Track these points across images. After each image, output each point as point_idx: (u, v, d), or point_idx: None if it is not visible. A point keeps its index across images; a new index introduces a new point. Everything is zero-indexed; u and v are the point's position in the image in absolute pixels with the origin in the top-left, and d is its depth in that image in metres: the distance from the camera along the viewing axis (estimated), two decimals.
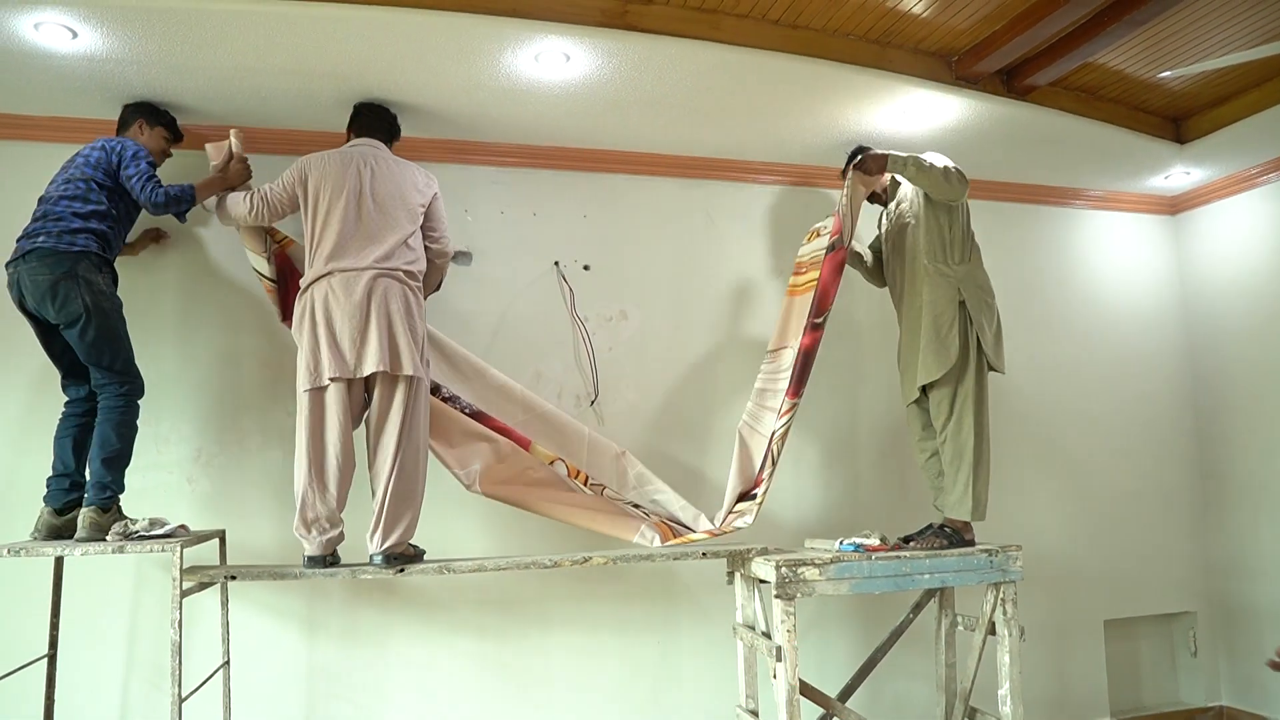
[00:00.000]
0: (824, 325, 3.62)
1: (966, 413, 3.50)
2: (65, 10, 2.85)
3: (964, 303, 3.51)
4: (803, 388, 3.59)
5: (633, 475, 3.71)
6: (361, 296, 3.12)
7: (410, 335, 3.17)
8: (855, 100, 3.74)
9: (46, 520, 2.98)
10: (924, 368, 3.54)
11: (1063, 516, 4.66)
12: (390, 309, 3.15)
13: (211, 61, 3.21)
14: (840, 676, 3.93)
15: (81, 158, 3.16)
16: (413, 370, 3.14)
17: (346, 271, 3.15)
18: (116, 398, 3.06)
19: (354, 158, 3.34)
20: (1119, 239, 5.03)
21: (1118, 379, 4.88)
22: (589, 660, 3.92)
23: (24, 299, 3.02)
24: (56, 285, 2.97)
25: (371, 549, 3.16)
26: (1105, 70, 3.86)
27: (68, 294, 2.97)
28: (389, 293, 3.16)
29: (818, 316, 3.60)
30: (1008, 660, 3.42)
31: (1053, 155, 4.43)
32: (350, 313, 3.11)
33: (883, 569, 3.32)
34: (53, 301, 2.97)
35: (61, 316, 2.98)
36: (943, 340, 3.50)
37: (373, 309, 3.13)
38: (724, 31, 3.36)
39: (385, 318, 3.13)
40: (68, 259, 2.99)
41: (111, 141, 3.21)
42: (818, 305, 3.60)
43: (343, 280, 3.14)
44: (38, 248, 2.99)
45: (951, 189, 3.50)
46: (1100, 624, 4.65)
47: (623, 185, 4.23)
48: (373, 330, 3.11)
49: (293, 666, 3.62)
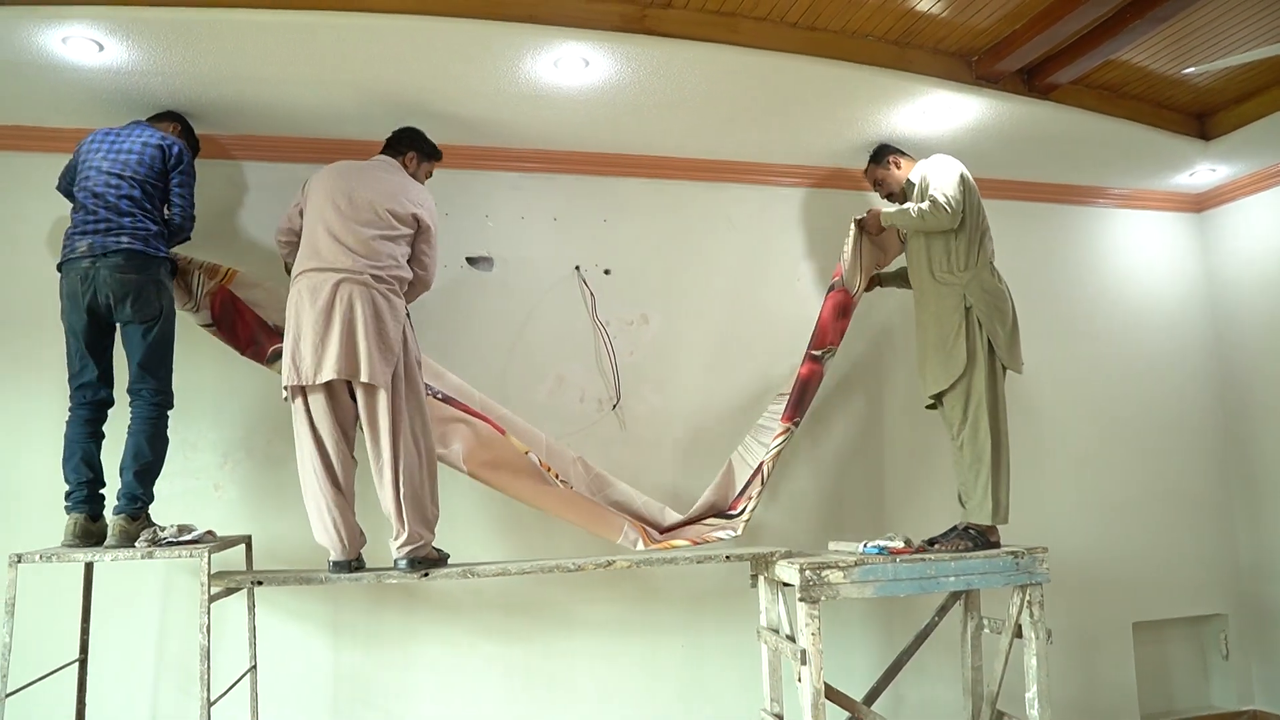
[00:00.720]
0: (824, 360, 3.73)
1: (981, 416, 3.49)
2: (93, 24, 2.89)
3: (970, 309, 3.53)
4: (799, 414, 3.67)
5: (591, 478, 3.72)
6: (325, 302, 3.08)
7: (378, 341, 3.09)
8: (875, 101, 3.73)
9: (83, 526, 3.00)
10: (932, 377, 3.61)
11: (1089, 518, 4.62)
12: (354, 315, 3.08)
13: (234, 71, 3.24)
14: (865, 680, 3.91)
15: (135, 154, 3.17)
16: (369, 378, 3.04)
17: (317, 273, 3.13)
18: (151, 406, 3.09)
19: (351, 166, 3.36)
20: (1143, 238, 4.98)
21: (1144, 379, 4.83)
22: (613, 664, 3.92)
23: (95, 295, 3.02)
24: (143, 287, 3.05)
25: (395, 555, 3.18)
26: (1128, 67, 3.83)
27: (149, 296, 3.06)
28: (354, 298, 3.09)
29: (815, 349, 3.73)
30: (1035, 663, 3.39)
31: (1075, 154, 4.40)
32: (314, 319, 3.07)
33: (907, 571, 3.30)
34: (134, 302, 3.03)
35: (136, 316, 3.04)
36: (949, 350, 3.54)
37: (335, 315, 3.07)
38: (742, 34, 3.36)
39: (347, 324, 3.06)
40: (154, 263, 3.10)
41: (167, 140, 3.25)
42: (816, 338, 3.74)
43: (310, 285, 3.12)
44: (125, 248, 3.04)
45: (935, 224, 3.58)
46: (1129, 627, 4.60)
47: (643, 189, 4.24)
48: (333, 337, 3.05)
49: (319, 670, 3.64)
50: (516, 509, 3.71)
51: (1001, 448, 3.51)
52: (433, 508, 3.23)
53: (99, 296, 3.02)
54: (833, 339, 3.75)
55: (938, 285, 3.62)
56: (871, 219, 3.83)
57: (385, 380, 3.09)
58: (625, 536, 3.52)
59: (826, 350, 3.73)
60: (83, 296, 3.02)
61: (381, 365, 3.08)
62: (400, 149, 3.52)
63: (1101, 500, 4.65)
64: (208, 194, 3.58)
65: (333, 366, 3.03)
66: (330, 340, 3.05)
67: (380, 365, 3.08)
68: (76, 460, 3.04)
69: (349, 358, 3.05)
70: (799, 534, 4.12)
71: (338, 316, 3.07)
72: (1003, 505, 3.49)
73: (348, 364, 3.05)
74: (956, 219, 3.57)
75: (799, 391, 3.67)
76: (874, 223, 3.83)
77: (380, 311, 3.12)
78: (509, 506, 3.75)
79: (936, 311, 3.60)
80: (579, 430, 3.97)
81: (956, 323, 3.53)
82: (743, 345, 4.26)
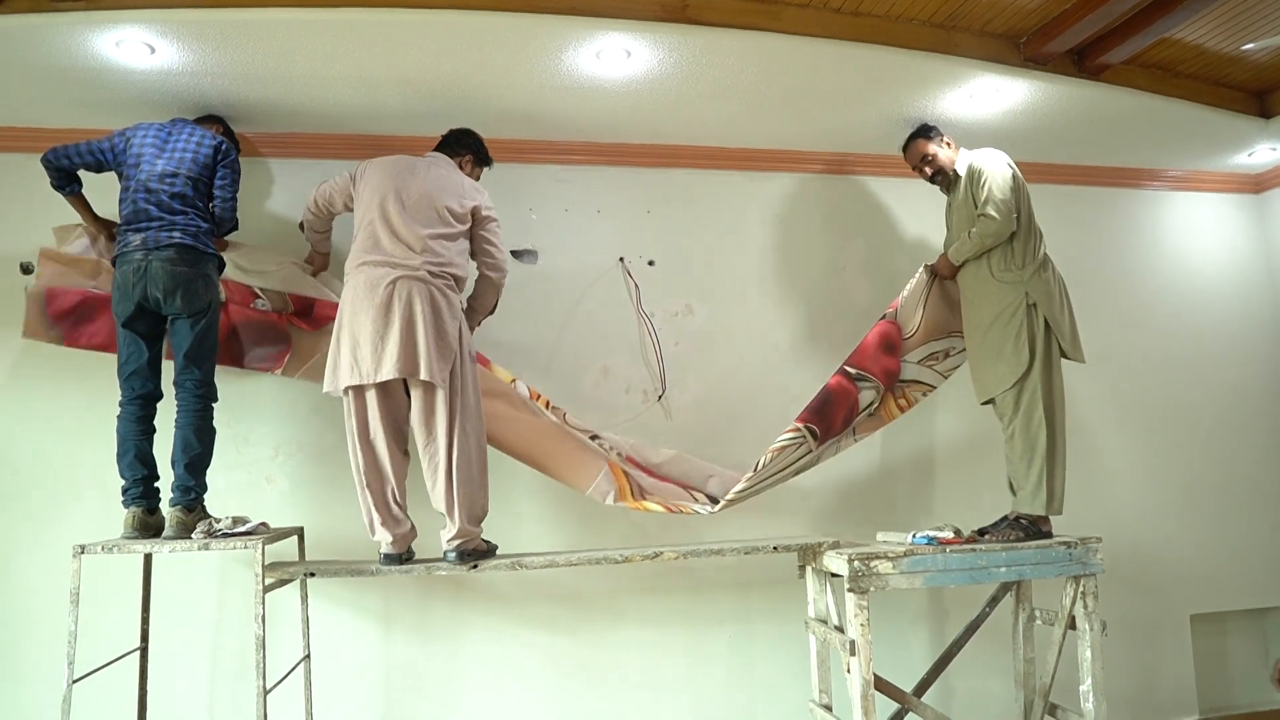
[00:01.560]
0: (858, 382, 3.58)
1: (1035, 406, 3.43)
2: (145, 26, 2.95)
3: (1034, 305, 3.47)
4: (816, 421, 3.47)
5: None
6: (383, 299, 3.08)
7: (437, 339, 3.10)
8: (920, 86, 3.67)
9: (141, 519, 3.07)
10: (995, 379, 3.53)
11: (1145, 507, 4.52)
12: (413, 312, 3.09)
13: (281, 70, 3.29)
14: (915, 671, 3.87)
15: (190, 153, 3.25)
16: (428, 376, 3.04)
17: (374, 267, 3.14)
18: (195, 398, 3.15)
19: (404, 161, 3.37)
20: (1201, 220, 4.86)
21: (1201, 365, 4.71)
22: (660, 654, 3.93)
23: (147, 288, 3.08)
24: (193, 281, 3.12)
25: (445, 547, 3.21)
26: (1183, 45, 3.73)
27: (198, 290, 3.14)
28: (413, 295, 3.10)
29: (850, 365, 3.60)
30: (1089, 655, 3.33)
31: (1128, 136, 4.30)
32: (373, 316, 3.08)
33: (957, 562, 3.26)
34: (184, 295, 3.10)
35: (185, 308, 3.11)
36: (1014, 349, 3.47)
37: (394, 313, 3.07)
38: (785, 21, 3.33)
39: (405, 322, 3.07)
40: (204, 258, 3.18)
41: (218, 139, 3.34)
42: (854, 356, 3.63)
43: (368, 280, 3.13)
44: (177, 243, 3.12)
45: (998, 237, 3.51)
46: (1186, 619, 4.50)
47: (686, 179, 4.23)
48: (392, 335, 3.05)
49: (370, 660, 3.70)
50: (566, 502, 3.73)
51: (1057, 437, 3.45)
52: (483, 502, 3.25)
53: (150, 289, 3.08)
54: (872, 368, 3.61)
55: (999, 285, 3.54)
56: (943, 264, 3.72)
57: (443, 378, 3.10)
58: (597, 488, 3.46)
59: (862, 375, 3.58)
60: (134, 289, 3.08)
61: (440, 363, 3.09)
62: (458, 150, 3.53)
63: (1157, 489, 4.56)
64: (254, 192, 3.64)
65: (393, 366, 3.04)
66: (389, 339, 3.06)
67: (438, 363, 3.09)
68: (130, 457, 3.11)
69: (408, 357, 3.05)
70: (847, 524, 4.09)
71: (397, 314, 3.07)
72: (1057, 495, 3.44)
73: (407, 363, 3.05)
74: (1014, 224, 3.51)
75: (821, 399, 3.52)
76: (946, 266, 3.71)
77: (439, 309, 3.13)
78: (558, 500, 3.77)
79: (997, 311, 3.52)
80: (625, 421, 3.97)
81: (1019, 322, 3.47)
82: (788, 334, 4.23)
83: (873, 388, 3.62)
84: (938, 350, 3.82)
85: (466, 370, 3.21)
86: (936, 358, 3.82)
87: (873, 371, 3.63)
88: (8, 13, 2.92)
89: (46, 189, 3.27)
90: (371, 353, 3.06)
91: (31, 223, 3.58)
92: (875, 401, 3.65)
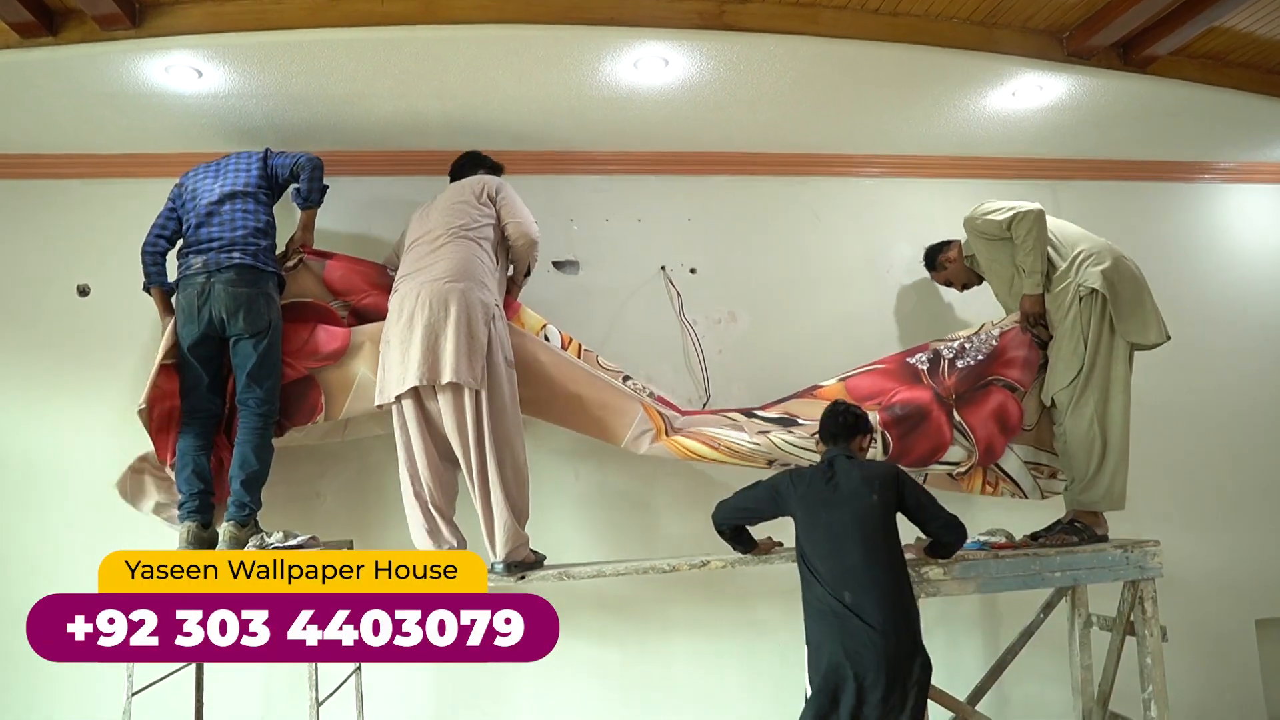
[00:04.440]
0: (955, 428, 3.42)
1: (1087, 403, 3.38)
2: (193, 51, 3.04)
3: (1084, 297, 3.40)
4: (894, 432, 3.37)
5: None
6: (409, 310, 3.13)
7: (467, 340, 3.06)
8: (961, 85, 3.64)
9: (195, 533, 3.13)
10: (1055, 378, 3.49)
11: (1206, 510, 4.39)
12: (436, 317, 3.08)
13: (324, 90, 3.35)
14: (969, 679, 3.80)
15: (243, 171, 3.33)
16: (453, 376, 3.01)
17: (403, 284, 3.21)
18: (257, 416, 3.19)
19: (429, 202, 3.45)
20: (1255, 213, 4.73)
21: (1264, 361, 4.57)
22: (709, 663, 3.90)
23: (211, 309, 3.14)
24: (254, 300, 3.17)
25: (492, 558, 3.20)
26: (1233, 34, 3.64)
27: (260, 309, 3.17)
28: (436, 300, 3.11)
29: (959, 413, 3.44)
30: (1150, 662, 3.25)
31: (1178, 128, 4.21)
32: (400, 329, 3.12)
33: (1010, 567, 3.20)
34: (246, 315, 3.14)
35: (248, 328, 3.15)
36: (1074, 348, 3.42)
37: (417, 321, 3.09)
38: (822, 25, 3.32)
39: (429, 327, 3.07)
40: (264, 277, 3.23)
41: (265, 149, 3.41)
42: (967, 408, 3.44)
43: (397, 298, 3.20)
44: (237, 264, 3.17)
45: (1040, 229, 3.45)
46: (1251, 624, 4.37)
47: (726, 186, 4.22)
48: (415, 343, 3.07)
49: (421, 673, 3.72)
50: (612, 511, 3.72)
51: (1119, 430, 3.36)
52: (524, 508, 3.23)
53: (214, 311, 3.13)
54: (978, 432, 3.43)
55: (1054, 299, 3.49)
56: (1027, 303, 3.52)
57: (470, 379, 3.06)
58: (633, 435, 3.36)
59: (964, 429, 3.42)
60: (199, 311, 3.14)
61: (467, 365, 3.05)
62: (466, 174, 3.56)
63: (1219, 489, 4.43)
64: None
65: (416, 373, 3.05)
66: (412, 347, 3.08)
67: (465, 365, 3.05)
68: (189, 473, 3.15)
69: (429, 362, 3.05)
70: None
71: (420, 322, 3.09)
72: (1117, 491, 3.36)
73: (430, 369, 3.05)
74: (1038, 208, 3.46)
75: (913, 418, 3.40)
76: (1031, 303, 3.52)
77: (464, 308, 3.11)
78: (604, 509, 3.77)
79: (1059, 321, 3.48)
80: None
81: (1072, 320, 3.42)
82: (833, 339, 4.19)
83: (967, 450, 3.46)
84: (1044, 465, 3.66)
85: (500, 371, 3.16)
86: (1042, 471, 3.66)
87: (977, 435, 3.44)
88: (63, 43, 3.01)
89: (100, 214, 3.36)
90: (399, 363, 3.10)
91: (86, 247, 3.68)
92: (963, 466, 3.49)
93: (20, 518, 3.62)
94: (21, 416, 3.67)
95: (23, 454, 3.65)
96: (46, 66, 3.12)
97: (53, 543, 3.60)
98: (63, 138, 3.64)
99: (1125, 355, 3.41)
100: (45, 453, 3.63)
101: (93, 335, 3.68)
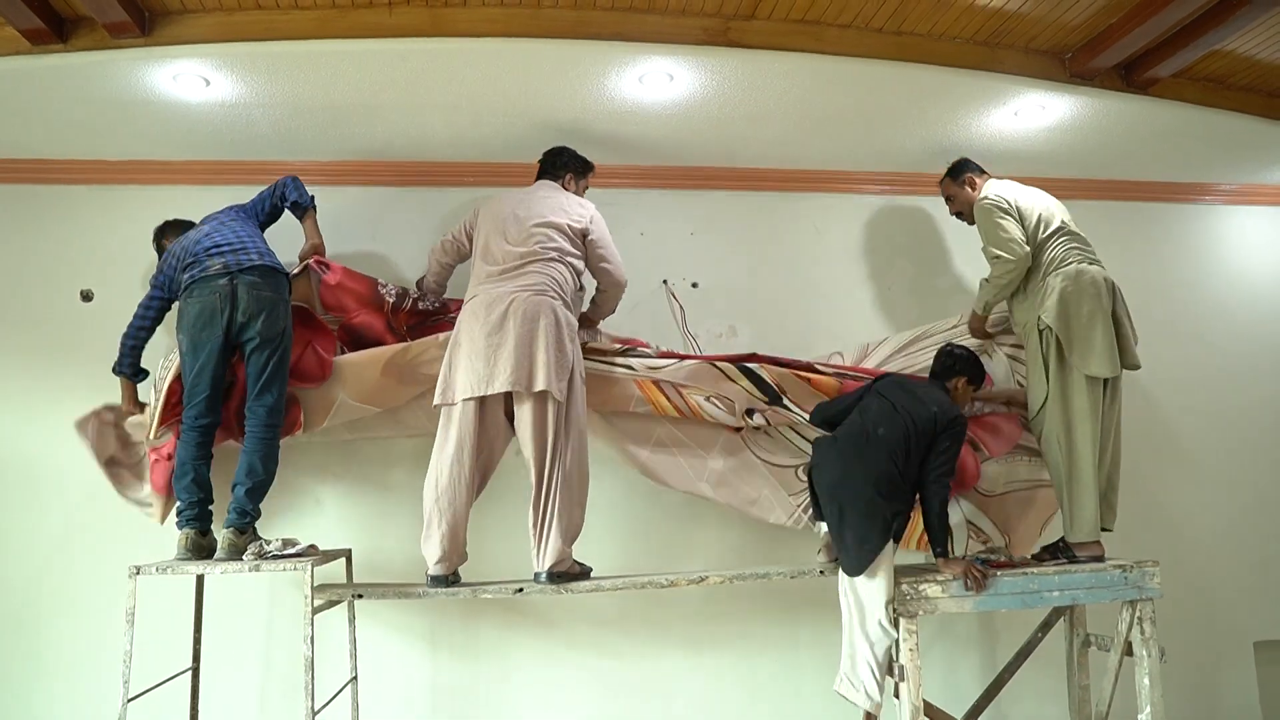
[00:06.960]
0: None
1: (1053, 432, 3.39)
2: (201, 60, 3.05)
3: (1045, 329, 3.40)
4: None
5: None
6: (499, 316, 3.14)
7: (556, 352, 3.13)
8: (964, 104, 3.66)
9: (194, 540, 3.12)
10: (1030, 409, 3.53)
11: (1204, 529, 4.39)
12: (529, 328, 3.12)
13: (331, 100, 3.37)
14: (966, 697, 3.80)
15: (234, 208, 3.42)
16: (545, 385, 3.07)
17: (491, 289, 3.22)
18: (265, 427, 3.18)
19: (517, 192, 3.44)
20: (1255, 234, 4.74)
21: (1262, 382, 4.58)
22: (708, 677, 3.90)
23: (234, 311, 3.10)
24: (276, 306, 3.17)
25: (537, 567, 3.18)
26: (1234, 57, 3.66)
27: (279, 315, 3.18)
28: (529, 311, 3.14)
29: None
30: (1148, 683, 3.24)
31: (1179, 150, 4.22)
32: (486, 332, 3.13)
33: (1008, 586, 3.20)
34: (266, 318, 3.13)
35: (264, 333, 3.13)
36: (1036, 378, 3.46)
37: (509, 328, 3.12)
38: (827, 43, 3.34)
39: (524, 336, 3.11)
40: (283, 280, 3.25)
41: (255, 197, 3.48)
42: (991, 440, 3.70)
43: (485, 301, 3.20)
44: (258, 264, 3.17)
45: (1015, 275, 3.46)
46: (1249, 645, 4.36)
47: (729, 201, 4.23)
48: (507, 348, 3.10)
49: (417, 682, 3.72)
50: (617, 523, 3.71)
51: (1078, 460, 3.34)
52: (580, 522, 3.24)
53: (237, 313, 3.10)
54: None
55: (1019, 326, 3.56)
56: (974, 322, 3.69)
57: (558, 389, 3.12)
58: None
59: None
60: (221, 314, 3.09)
61: (556, 376, 3.11)
62: (557, 172, 3.57)
63: (1217, 510, 4.42)
64: None
65: (506, 379, 3.08)
66: (503, 353, 3.10)
67: (555, 375, 3.11)
68: (188, 480, 3.15)
69: (522, 370, 3.09)
70: None
71: (511, 330, 3.12)
72: (1086, 520, 3.34)
73: (521, 376, 3.08)
74: (1025, 255, 3.44)
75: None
76: (977, 324, 3.69)
77: (556, 324, 3.17)
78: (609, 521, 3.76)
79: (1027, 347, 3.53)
80: None
81: (1034, 349, 3.45)
82: (832, 354, 4.19)
83: None
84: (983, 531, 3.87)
85: (577, 389, 3.23)
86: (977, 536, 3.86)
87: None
88: (72, 50, 3.03)
89: (105, 220, 3.37)
90: (485, 366, 3.10)
91: (91, 253, 3.69)
92: None
93: (21, 521, 3.63)
94: (24, 420, 3.68)
95: (25, 458, 3.66)
96: (56, 73, 3.14)
97: (53, 547, 3.60)
98: (70, 144, 3.66)
99: (1084, 387, 3.36)
100: (47, 457, 3.63)
101: (96, 340, 3.67)
